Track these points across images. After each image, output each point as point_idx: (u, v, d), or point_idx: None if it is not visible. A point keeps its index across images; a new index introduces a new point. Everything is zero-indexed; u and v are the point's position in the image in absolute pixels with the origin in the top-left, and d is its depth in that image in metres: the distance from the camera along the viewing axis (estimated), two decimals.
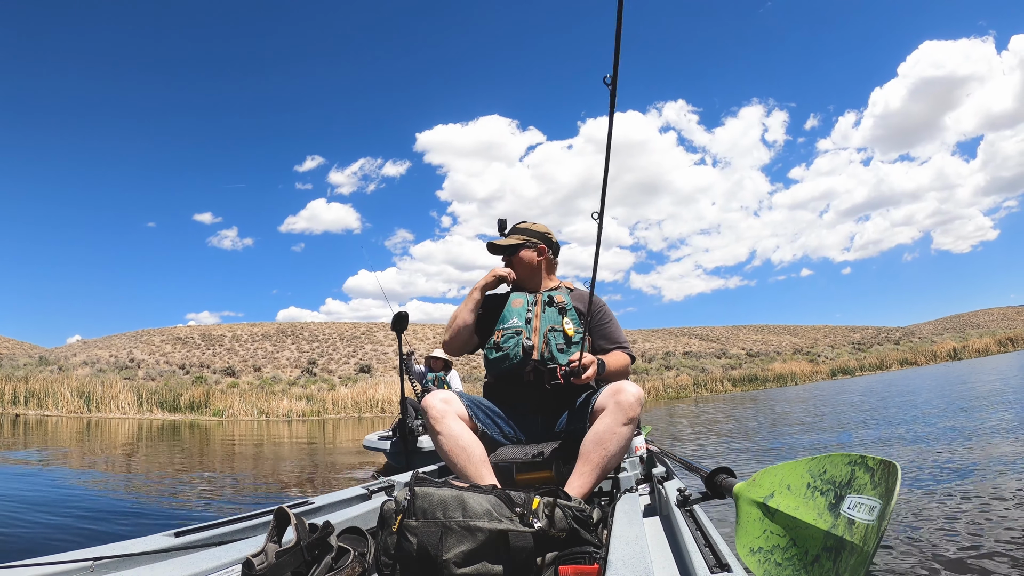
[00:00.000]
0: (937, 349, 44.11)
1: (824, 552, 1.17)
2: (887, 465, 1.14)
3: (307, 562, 1.50)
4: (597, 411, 2.34)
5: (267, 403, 26.75)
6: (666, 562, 1.48)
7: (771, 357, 51.77)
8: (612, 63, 1.72)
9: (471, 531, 1.58)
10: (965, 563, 2.64)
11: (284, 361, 45.70)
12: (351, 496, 2.42)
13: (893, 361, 42.31)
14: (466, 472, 2.29)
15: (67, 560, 1.41)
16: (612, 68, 1.72)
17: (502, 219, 3.05)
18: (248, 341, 49.44)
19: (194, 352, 46.53)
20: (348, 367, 44.22)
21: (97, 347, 47.63)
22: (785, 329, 71.45)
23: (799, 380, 37.15)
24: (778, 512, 1.35)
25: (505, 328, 2.78)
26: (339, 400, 28.22)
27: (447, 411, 2.41)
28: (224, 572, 1.51)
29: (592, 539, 1.66)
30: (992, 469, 4.55)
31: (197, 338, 49.89)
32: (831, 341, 63.18)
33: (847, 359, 46.68)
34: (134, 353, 44.86)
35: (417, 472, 1.88)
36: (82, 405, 23.42)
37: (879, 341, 60.71)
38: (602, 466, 2.22)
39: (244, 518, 1.94)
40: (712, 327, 70.78)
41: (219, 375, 40.79)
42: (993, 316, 74.85)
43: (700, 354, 53.77)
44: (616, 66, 1.72)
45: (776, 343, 61.55)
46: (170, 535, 1.70)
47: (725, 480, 1.75)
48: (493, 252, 3.02)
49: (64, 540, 3.79)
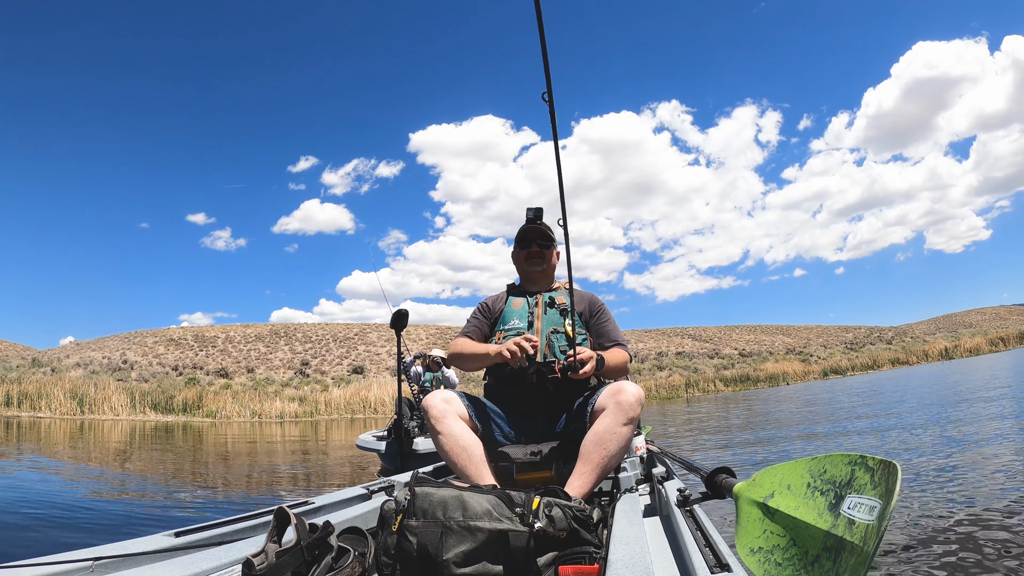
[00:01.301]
0: (929, 349, 44.31)
1: (824, 552, 1.17)
2: (887, 465, 1.14)
3: (307, 562, 1.50)
4: (597, 411, 2.34)
5: (260, 404, 26.70)
6: (666, 562, 1.49)
7: (763, 357, 51.89)
8: (544, 78, 1.69)
9: (471, 531, 1.58)
10: (965, 562, 2.65)
11: (277, 362, 45.55)
12: (351, 496, 2.42)
13: (885, 361, 42.49)
14: (466, 472, 2.29)
15: (67, 560, 1.41)
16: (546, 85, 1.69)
17: (539, 208, 2.97)
18: (241, 342, 49.25)
19: (187, 353, 46.32)
20: (341, 368, 44.12)
21: (90, 349, 47.36)
22: (778, 329, 71.57)
23: (791, 380, 37.30)
24: (778, 512, 1.36)
25: (506, 330, 2.78)
26: (332, 401, 28.19)
27: (448, 411, 2.40)
28: (224, 572, 1.51)
29: (592, 539, 1.65)
30: (987, 469, 4.58)
31: (190, 339, 49.66)
32: (824, 341, 63.34)
33: (839, 359, 46.87)
34: (127, 354, 44.62)
35: (417, 472, 1.88)
36: (75, 407, 23.33)
37: (871, 341, 60.93)
38: (602, 466, 2.22)
39: (244, 518, 1.93)
40: (705, 327, 70.84)
41: (212, 376, 40.65)
42: (986, 316, 75.18)
43: (693, 354, 53.88)
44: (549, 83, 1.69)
45: (769, 343, 61.67)
46: (170, 535, 1.70)
47: (725, 480, 1.75)
48: (530, 236, 2.96)
49: (64, 540, 3.77)
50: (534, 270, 2.95)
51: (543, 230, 2.96)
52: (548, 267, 2.97)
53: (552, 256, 2.99)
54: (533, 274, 2.96)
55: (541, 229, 2.96)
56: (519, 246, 2.99)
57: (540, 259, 2.94)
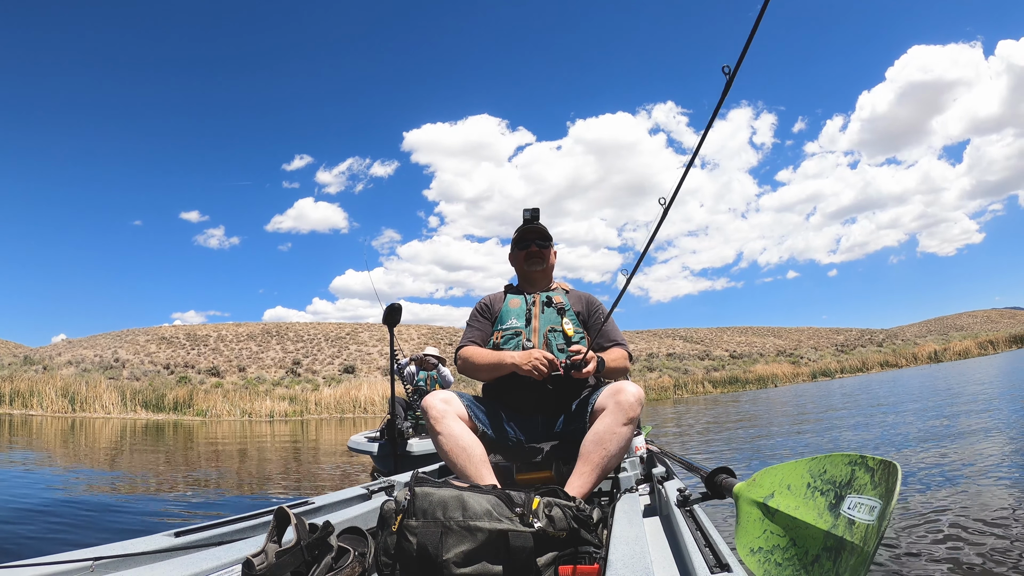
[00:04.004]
0: (918, 351, 44.52)
1: (824, 552, 1.17)
2: (887, 465, 1.14)
3: (307, 562, 1.50)
4: (597, 411, 2.35)
5: (250, 403, 26.66)
6: (666, 562, 1.49)
7: (754, 359, 52.01)
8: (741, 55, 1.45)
9: (471, 531, 1.58)
10: (964, 562, 2.67)
11: (269, 361, 45.37)
12: (351, 496, 2.42)
13: (874, 363, 42.69)
14: (466, 472, 2.28)
15: (67, 560, 1.41)
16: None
17: (535, 208, 3.00)
18: (233, 341, 49.03)
19: (179, 352, 46.08)
20: (332, 367, 43.99)
21: (82, 347, 47.03)
22: (769, 331, 71.74)
23: (779, 382, 37.37)
24: (778, 512, 1.36)
25: (504, 329, 2.78)
26: (322, 400, 28.16)
27: (447, 411, 2.40)
28: (224, 572, 1.51)
29: (592, 539, 1.66)
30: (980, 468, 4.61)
31: (182, 338, 49.39)
32: (815, 343, 63.56)
33: (829, 361, 47.00)
34: (119, 353, 44.35)
35: (417, 472, 1.88)
36: (66, 405, 23.25)
37: (862, 343, 61.18)
38: (602, 466, 2.23)
39: (244, 518, 1.93)
40: (696, 329, 70.96)
41: (203, 375, 40.45)
42: (977, 318, 75.66)
43: (683, 356, 53.96)
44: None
45: (760, 345, 61.83)
46: (170, 535, 1.70)
47: (725, 480, 1.76)
48: (528, 236, 2.97)
49: (64, 540, 3.75)
50: (534, 270, 2.95)
51: (541, 229, 2.97)
52: (547, 267, 2.98)
53: (551, 255, 2.99)
54: (533, 274, 2.96)
55: (539, 228, 2.96)
56: (518, 247, 2.99)
57: (539, 259, 2.94)
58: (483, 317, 2.92)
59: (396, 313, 4.46)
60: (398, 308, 4.48)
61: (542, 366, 2.51)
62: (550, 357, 2.53)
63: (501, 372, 2.66)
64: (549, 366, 2.52)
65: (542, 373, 2.51)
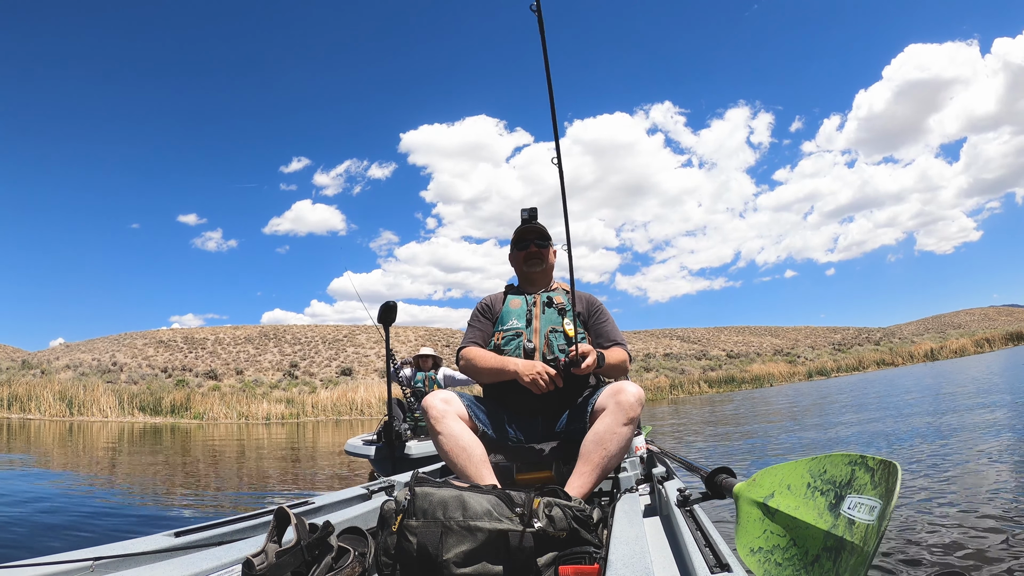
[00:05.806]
0: (915, 350, 44.61)
1: (824, 552, 1.17)
2: (887, 465, 1.14)
3: (307, 562, 1.49)
4: (597, 411, 2.35)
5: (247, 406, 26.61)
6: (666, 562, 1.48)
7: (751, 358, 52.09)
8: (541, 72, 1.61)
9: (471, 531, 1.58)
10: (964, 562, 2.67)
11: (266, 364, 45.35)
12: (351, 496, 2.42)
13: (870, 362, 42.75)
14: (466, 472, 2.28)
15: (67, 560, 1.40)
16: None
17: (533, 208, 2.98)
18: (230, 344, 48.99)
19: (176, 355, 46.04)
20: (330, 370, 43.99)
21: (80, 350, 47.00)
22: (766, 330, 71.88)
23: (775, 382, 37.36)
24: (778, 512, 1.36)
25: (505, 330, 2.78)
26: (318, 403, 28.13)
27: (447, 411, 2.40)
28: (224, 572, 1.50)
29: (592, 539, 1.66)
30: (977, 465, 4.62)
31: (180, 341, 49.34)
32: (812, 342, 63.68)
33: (825, 360, 47.05)
34: (117, 356, 44.30)
35: (417, 472, 1.88)
36: (64, 409, 23.22)
37: (859, 342, 61.29)
38: (602, 466, 2.22)
39: (244, 518, 1.93)
40: (694, 328, 71.11)
41: (201, 378, 40.42)
42: (974, 316, 75.92)
43: (680, 355, 54.06)
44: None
45: (757, 344, 61.94)
46: (170, 535, 1.70)
47: (725, 480, 1.76)
48: (527, 236, 2.95)
49: (64, 540, 3.75)
50: (533, 270, 2.94)
51: (540, 229, 2.95)
52: (547, 266, 2.96)
53: (550, 255, 2.98)
54: (532, 274, 2.95)
55: (538, 228, 2.95)
56: (517, 247, 2.98)
57: (539, 259, 2.93)
58: (484, 317, 2.90)
59: (391, 311, 4.43)
60: (393, 306, 4.45)
61: (542, 381, 2.51)
62: (552, 372, 2.53)
63: (503, 378, 2.65)
64: (550, 382, 2.52)
65: (541, 389, 2.51)
